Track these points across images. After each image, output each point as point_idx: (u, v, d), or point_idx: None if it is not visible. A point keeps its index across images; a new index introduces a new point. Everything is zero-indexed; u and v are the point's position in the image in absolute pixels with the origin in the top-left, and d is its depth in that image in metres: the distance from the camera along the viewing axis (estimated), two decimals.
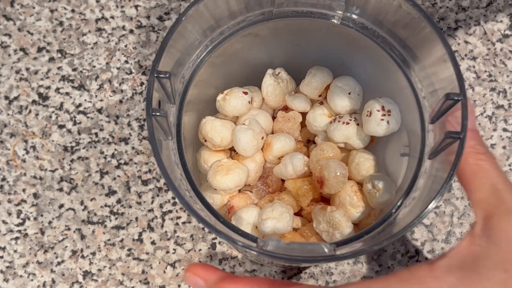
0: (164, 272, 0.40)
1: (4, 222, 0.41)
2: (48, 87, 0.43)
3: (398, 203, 0.28)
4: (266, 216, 0.29)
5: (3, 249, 0.40)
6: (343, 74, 0.34)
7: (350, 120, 0.32)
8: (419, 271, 0.25)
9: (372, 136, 0.33)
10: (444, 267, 0.25)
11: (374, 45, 0.30)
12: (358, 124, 0.32)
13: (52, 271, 0.40)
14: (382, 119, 0.30)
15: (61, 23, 0.44)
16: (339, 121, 0.32)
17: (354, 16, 0.30)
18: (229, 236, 0.24)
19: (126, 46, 0.43)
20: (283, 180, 0.33)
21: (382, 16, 0.29)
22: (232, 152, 0.35)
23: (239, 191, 0.34)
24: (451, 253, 0.25)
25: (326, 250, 0.24)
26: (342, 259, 0.24)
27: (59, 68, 0.43)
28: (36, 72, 0.43)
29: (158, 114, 0.25)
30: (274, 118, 0.36)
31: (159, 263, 0.40)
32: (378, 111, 0.31)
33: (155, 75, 0.26)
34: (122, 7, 0.44)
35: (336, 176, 0.30)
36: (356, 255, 0.24)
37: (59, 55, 0.43)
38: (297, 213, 0.33)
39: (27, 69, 0.43)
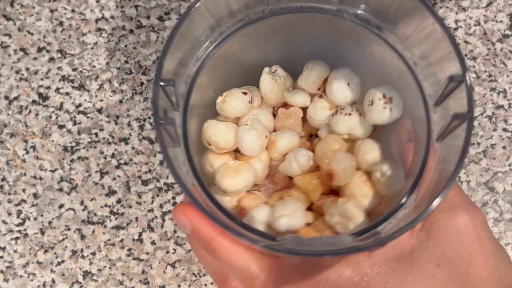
0: (164, 272, 0.40)
1: (4, 222, 0.41)
2: (48, 87, 0.43)
3: (409, 190, 0.27)
4: (279, 214, 0.29)
5: (3, 249, 0.40)
6: (340, 66, 0.33)
7: (352, 110, 0.32)
8: (358, 256, 0.26)
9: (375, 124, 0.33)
10: (382, 256, 0.26)
11: (368, 33, 0.30)
12: (360, 114, 0.32)
13: (52, 271, 0.40)
14: (385, 107, 0.30)
15: (61, 23, 0.44)
16: (341, 113, 0.32)
17: (350, 9, 0.30)
18: (250, 237, 0.24)
19: (126, 46, 0.44)
20: (290, 176, 0.33)
21: (377, 6, 0.29)
22: (236, 153, 0.35)
23: (247, 191, 0.34)
24: (391, 243, 0.26)
25: (348, 241, 0.24)
26: (365, 249, 0.24)
27: (59, 68, 0.43)
28: (36, 72, 0.43)
29: (165, 122, 0.25)
30: (274, 116, 0.35)
31: (159, 263, 0.40)
32: (380, 99, 0.30)
33: (160, 83, 0.25)
34: (122, 7, 0.44)
35: (344, 168, 0.30)
36: (378, 244, 0.24)
37: (59, 55, 0.43)
38: (307, 208, 0.33)
39: (27, 69, 0.43)
